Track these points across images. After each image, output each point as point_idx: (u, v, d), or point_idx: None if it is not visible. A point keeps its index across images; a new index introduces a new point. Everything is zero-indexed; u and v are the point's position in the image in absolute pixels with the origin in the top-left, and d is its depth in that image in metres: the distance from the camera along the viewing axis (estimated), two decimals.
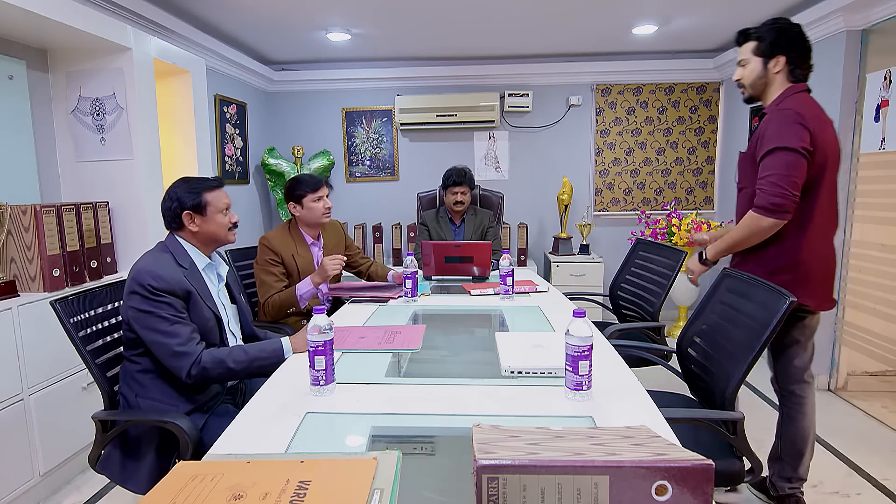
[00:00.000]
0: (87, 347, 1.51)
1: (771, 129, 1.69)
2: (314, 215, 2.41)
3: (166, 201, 1.64)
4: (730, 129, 4.30)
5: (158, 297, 1.48)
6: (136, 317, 1.49)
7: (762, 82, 1.81)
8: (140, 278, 1.48)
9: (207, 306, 1.61)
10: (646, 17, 3.39)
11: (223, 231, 1.68)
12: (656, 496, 0.67)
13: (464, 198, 3.15)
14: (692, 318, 1.80)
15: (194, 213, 1.62)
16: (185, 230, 1.64)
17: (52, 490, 2.14)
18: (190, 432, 1.36)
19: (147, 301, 1.48)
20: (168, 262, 1.57)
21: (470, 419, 1.10)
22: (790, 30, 1.76)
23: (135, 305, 1.48)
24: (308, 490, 0.80)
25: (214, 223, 1.65)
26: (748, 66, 1.82)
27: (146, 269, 1.50)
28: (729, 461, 1.44)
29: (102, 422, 1.47)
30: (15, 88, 2.28)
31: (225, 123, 3.84)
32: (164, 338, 1.47)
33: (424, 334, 1.73)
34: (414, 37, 3.76)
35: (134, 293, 1.48)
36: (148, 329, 1.48)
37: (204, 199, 1.63)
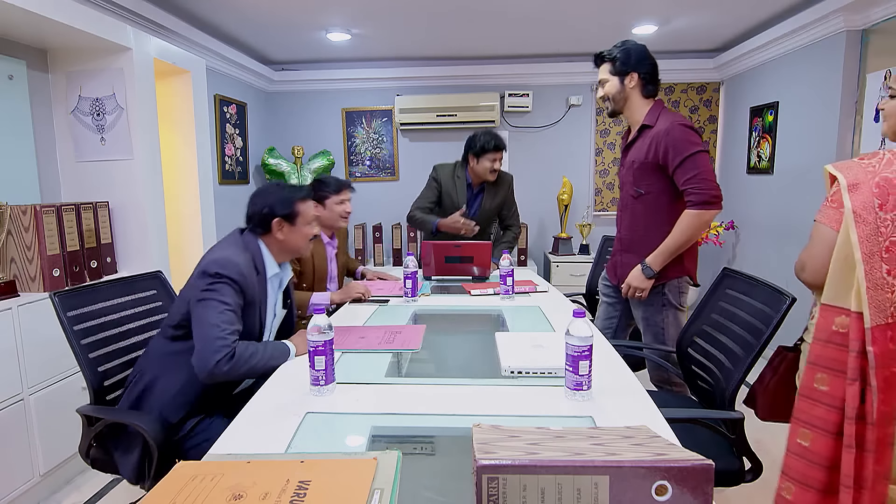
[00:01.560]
0: (81, 342, 1.51)
1: (678, 138, 1.90)
2: (333, 217, 2.41)
3: (258, 204, 1.62)
4: (730, 129, 4.30)
5: (233, 283, 1.47)
6: (199, 297, 1.45)
7: (622, 97, 2.04)
8: (225, 268, 1.46)
9: (260, 318, 1.61)
10: (646, 17, 3.39)
11: (305, 243, 1.68)
12: (656, 496, 0.67)
13: (499, 165, 2.88)
14: (692, 318, 1.80)
15: (284, 221, 1.61)
16: (271, 237, 1.63)
17: (52, 490, 2.14)
18: (154, 435, 1.34)
19: (220, 285, 1.45)
20: (249, 263, 1.55)
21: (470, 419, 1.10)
22: (637, 50, 2.02)
23: (205, 287, 1.45)
24: (308, 490, 0.80)
25: (301, 235, 1.65)
26: (608, 84, 2.05)
27: (233, 262, 1.48)
28: (729, 461, 1.44)
29: (88, 416, 1.48)
30: (15, 88, 2.28)
31: (225, 123, 3.84)
32: (217, 318, 1.42)
33: (424, 334, 1.73)
34: (414, 37, 3.76)
35: (211, 275, 1.46)
36: (205, 309, 1.43)
37: (296, 209, 1.63)
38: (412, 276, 2.22)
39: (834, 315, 1.20)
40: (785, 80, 3.51)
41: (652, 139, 1.95)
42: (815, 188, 3.16)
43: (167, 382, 1.51)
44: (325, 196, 2.39)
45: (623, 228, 2.15)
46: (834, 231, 1.24)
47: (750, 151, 3.94)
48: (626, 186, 2.11)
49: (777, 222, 3.61)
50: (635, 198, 2.05)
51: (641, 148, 2.00)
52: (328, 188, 2.39)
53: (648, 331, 2.08)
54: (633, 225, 2.08)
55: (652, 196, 2.00)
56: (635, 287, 2.02)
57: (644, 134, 2.01)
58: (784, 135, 3.52)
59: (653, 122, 1.99)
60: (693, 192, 1.88)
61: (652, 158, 1.95)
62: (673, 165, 1.90)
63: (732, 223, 4.12)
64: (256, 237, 1.64)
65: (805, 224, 2.77)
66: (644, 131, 2.01)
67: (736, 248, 4.23)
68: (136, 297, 1.76)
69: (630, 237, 2.11)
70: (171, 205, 2.92)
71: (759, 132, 3.79)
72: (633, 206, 2.07)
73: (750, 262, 3.99)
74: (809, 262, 1.30)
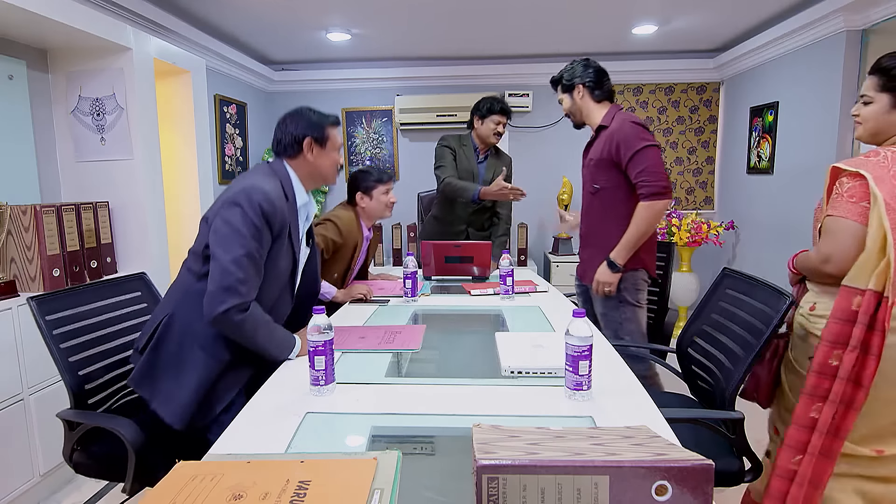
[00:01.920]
0: (60, 346, 1.47)
1: (628, 134, 2.02)
2: (380, 208, 2.41)
3: (288, 126, 1.59)
4: (730, 129, 4.30)
5: (259, 222, 1.42)
6: (223, 230, 1.40)
7: (577, 109, 2.21)
8: (254, 194, 1.42)
9: (292, 248, 1.58)
10: (646, 17, 3.39)
11: (333, 170, 1.66)
12: (656, 496, 0.67)
13: (503, 129, 2.90)
14: (692, 318, 1.80)
15: (315, 143, 1.60)
16: (300, 159, 1.60)
17: (52, 490, 2.14)
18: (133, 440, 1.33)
19: (248, 221, 1.41)
20: (278, 189, 1.51)
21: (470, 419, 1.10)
22: (579, 64, 2.20)
23: (231, 219, 1.40)
24: (308, 490, 0.80)
25: (330, 159, 1.64)
26: (563, 102, 2.25)
27: (261, 189, 1.44)
28: (729, 461, 1.44)
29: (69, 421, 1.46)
30: (15, 88, 2.28)
31: (225, 123, 3.84)
32: (233, 265, 1.38)
33: (424, 334, 1.73)
34: (414, 37, 3.76)
35: (238, 206, 1.41)
36: (226, 246, 1.39)
37: (326, 132, 1.62)
38: (412, 276, 2.22)
39: (853, 296, 1.31)
40: (785, 80, 3.51)
41: (607, 137, 2.09)
42: (816, 188, 3.16)
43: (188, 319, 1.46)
44: (371, 187, 2.38)
45: (583, 224, 2.27)
46: (859, 224, 1.34)
47: (750, 151, 3.94)
48: (585, 184, 2.23)
49: (777, 222, 3.61)
50: (593, 194, 2.17)
51: (598, 146, 2.13)
52: (373, 178, 2.39)
53: (608, 327, 2.17)
54: (592, 219, 2.20)
55: (608, 191, 2.12)
56: (603, 282, 2.10)
57: (601, 134, 2.14)
58: (784, 135, 3.52)
59: (608, 122, 2.12)
60: (643, 185, 1.99)
61: (606, 155, 2.07)
62: (625, 160, 2.02)
63: (732, 223, 4.12)
64: (284, 164, 1.61)
65: (805, 224, 2.77)
66: (601, 131, 2.14)
67: (736, 248, 4.23)
68: (119, 299, 1.71)
69: (589, 232, 2.24)
70: (171, 205, 2.92)
71: (759, 132, 3.80)
72: (591, 202, 2.19)
73: (750, 262, 3.99)
74: (837, 255, 1.37)
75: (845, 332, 1.31)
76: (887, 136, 1.45)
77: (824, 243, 1.40)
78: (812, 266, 1.47)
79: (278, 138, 1.61)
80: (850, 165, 1.38)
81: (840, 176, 1.42)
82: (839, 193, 1.39)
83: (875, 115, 1.45)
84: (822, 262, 1.40)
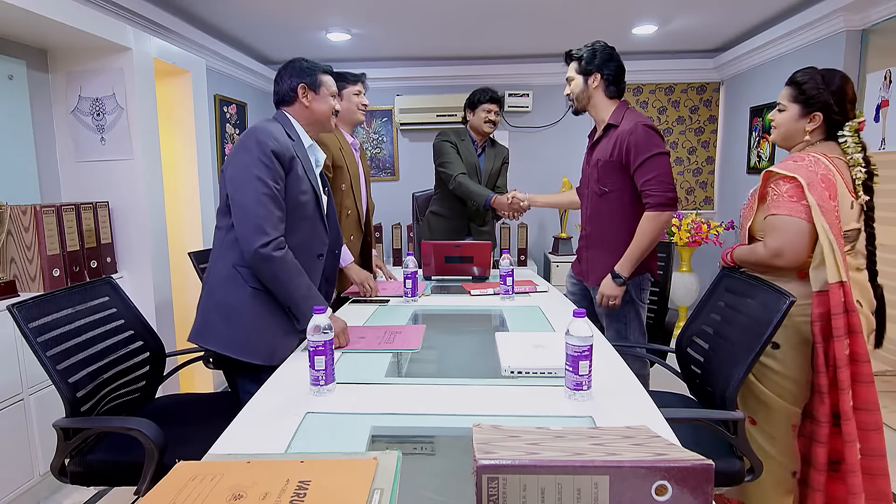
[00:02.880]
0: (46, 353, 1.41)
1: (640, 138, 1.95)
2: (351, 109, 2.37)
3: (283, 77, 1.69)
4: (730, 129, 4.30)
5: (269, 160, 1.51)
6: (237, 175, 1.50)
7: (585, 96, 2.10)
8: (258, 135, 1.52)
9: (308, 179, 1.65)
10: (646, 17, 3.39)
11: (328, 114, 1.74)
12: (656, 496, 0.67)
13: (496, 118, 2.89)
14: (691, 318, 1.80)
15: (308, 88, 1.68)
16: (296, 105, 1.69)
17: (52, 490, 2.14)
18: (155, 439, 1.32)
19: (257, 161, 1.50)
20: (280, 130, 1.62)
21: (470, 419, 1.10)
22: (604, 51, 2.05)
23: (241, 163, 1.51)
24: (308, 490, 0.80)
25: (325, 104, 1.72)
26: (573, 82, 2.11)
27: (263, 129, 1.54)
28: (729, 461, 1.44)
29: (65, 430, 1.40)
30: (15, 88, 2.28)
31: (225, 123, 3.84)
32: (255, 204, 1.48)
33: (424, 334, 1.73)
34: (414, 37, 3.76)
35: (245, 149, 1.51)
36: (243, 189, 1.49)
37: (319, 78, 1.70)
38: (412, 276, 2.22)
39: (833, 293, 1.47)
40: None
41: (616, 138, 2.02)
42: None
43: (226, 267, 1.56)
44: (341, 87, 2.32)
45: (587, 225, 2.22)
46: (803, 220, 1.51)
47: (750, 151, 3.94)
48: (590, 183, 2.17)
49: None
50: (599, 195, 2.12)
51: (606, 147, 2.06)
52: (345, 80, 2.38)
53: (612, 326, 2.15)
54: (598, 222, 2.15)
55: (615, 194, 2.07)
56: (608, 296, 2.06)
57: (609, 133, 2.07)
58: None
59: (618, 121, 2.04)
60: (651, 194, 1.95)
61: (616, 157, 2.02)
62: (634, 165, 1.97)
63: (732, 223, 4.12)
64: (283, 112, 1.71)
65: None
66: (609, 130, 2.07)
67: None
68: (91, 304, 1.64)
69: (594, 233, 2.18)
70: (171, 205, 2.92)
71: (759, 132, 3.80)
72: (598, 203, 2.14)
73: None
74: (787, 248, 1.54)
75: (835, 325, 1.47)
76: (796, 141, 1.67)
77: (773, 239, 1.56)
78: (760, 259, 1.60)
79: (276, 90, 1.71)
80: (785, 170, 1.55)
81: (774, 179, 1.59)
82: (779, 194, 1.56)
83: (787, 121, 1.65)
84: (774, 257, 1.56)
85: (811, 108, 1.61)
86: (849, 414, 1.46)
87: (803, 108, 1.62)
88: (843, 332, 1.46)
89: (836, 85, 1.59)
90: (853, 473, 1.46)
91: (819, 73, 1.62)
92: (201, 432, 1.27)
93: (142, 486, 1.35)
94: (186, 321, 3.03)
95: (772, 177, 1.60)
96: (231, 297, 1.56)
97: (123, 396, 1.64)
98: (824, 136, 1.64)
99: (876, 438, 1.50)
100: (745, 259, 1.69)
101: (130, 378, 1.66)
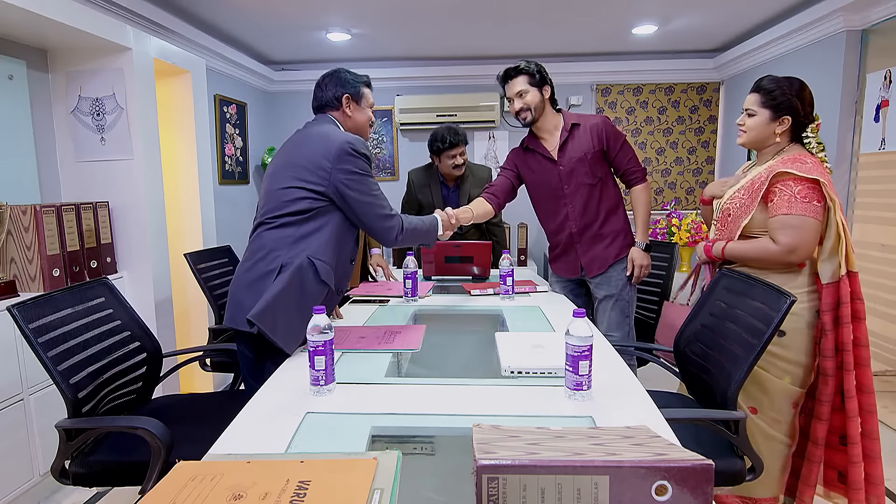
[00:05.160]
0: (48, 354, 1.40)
1: (611, 127, 2.24)
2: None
3: (327, 86, 1.75)
4: (730, 129, 4.30)
5: (369, 163, 1.64)
6: (352, 179, 1.59)
7: (541, 106, 2.22)
8: (357, 145, 1.61)
9: None
10: (646, 17, 3.39)
11: (367, 124, 1.82)
12: (656, 496, 0.67)
13: (462, 158, 2.91)
14: (689, 318, 1.80)
15: (352, 99, 1.75)
16: (340, 114, 1.75)
17: (52, 490, 2.14)
18: (162, 437, 1.32)
19: (363, 164, 1.61)
20: None
21: (470, 419, 1.10)
22: (539, 64, 2.21)
23: (352, 168, 1.59)
24: (308, 490, 0.80)
25: (365, 115, 1.80)
26: (528, 94, 2.19)
27: (355, 139, 1.63)
28: (730, 460, 1.44)
29: (67, 430, 1.39)
30: (15, 88, 2.28)
31: (225, 123, 3.84)
32: (377, 200, 1.64)
33: (424, 334, 1.73)
34: (414, 37, 3.76)
35: (353, 157, 1.59)
36: (363, 192, 1.61)
37: (361, 90, 1.77)
38: (412, 276, 2.22)
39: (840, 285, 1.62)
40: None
41: (591, 131, 2.21)
42: None
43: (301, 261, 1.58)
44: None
45: (578, 219, 2.28)
46: (817, 221, 1.61)
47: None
48: (576, 179, 2.24)
49: None
50: (593, 185, 2.24)
51: (584, 142, 2.21)
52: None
53: (616, 306, 2.28)
54: (593, 211, 2.26)
55: (603, 180, 2.26)
56: (645, 265, 2.27)
57: (575, 131, 2.23)
58: None
59: (578, 120, 2.24)
60: (636, 170, 2.25)
61: (598, 146, 2.21)
62: (615, 150, 2.23)
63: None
64: (329, 116, 1.75)
65: None
66: (574, 129, 2.23)
67: None
68: (88, 305, 1.63)
69: (589, 224, 2.28)
70: (171, 205, 2.92)
71: None
72: (590, 193, 2.25)
73: None
74: (803, 246, 1.62)
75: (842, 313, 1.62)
76: (766, 143, 1.77)
77: (788, 237, 1.63)
78: (771, 256, 1.67)
79: (318, 97, 1.76)
80: (802, 172, 1.62)
81: (784, 179, 1.65)
82: (790, 195, 1.63)
83: (758, 125, 1.76)
84: (788, 253, 1.64)
85: (780, 112, 1.71)
86: (852, 392, 1.63)
87: (773, 112, 1.72)
88: (850, 319, 1.62)
89: (799, 90, 1.70)
90: (854, 445, 1.64)
91: (783, 80, 1.73)
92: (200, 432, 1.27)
93: (147, 485, 1.35)
94: (186, 321, 3.04)
95: (781, 178, 1.66)
96: (301, 289, 1.57)
97: (122, 397, 1.64)
98: (790, 137, 1.75)
99: (871, 421, 1.66)
100: (746, 254, 1.75)
101: (129, 379, 1.66)
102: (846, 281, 1.61)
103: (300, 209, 1.59)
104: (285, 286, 1.54)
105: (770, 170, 1.69)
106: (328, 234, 1.61)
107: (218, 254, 2.56)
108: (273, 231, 1.61)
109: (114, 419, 1.50)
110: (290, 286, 1.55)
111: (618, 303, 2.27)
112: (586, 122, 2.23)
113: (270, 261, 1.59)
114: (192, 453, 0.98)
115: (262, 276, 1.58)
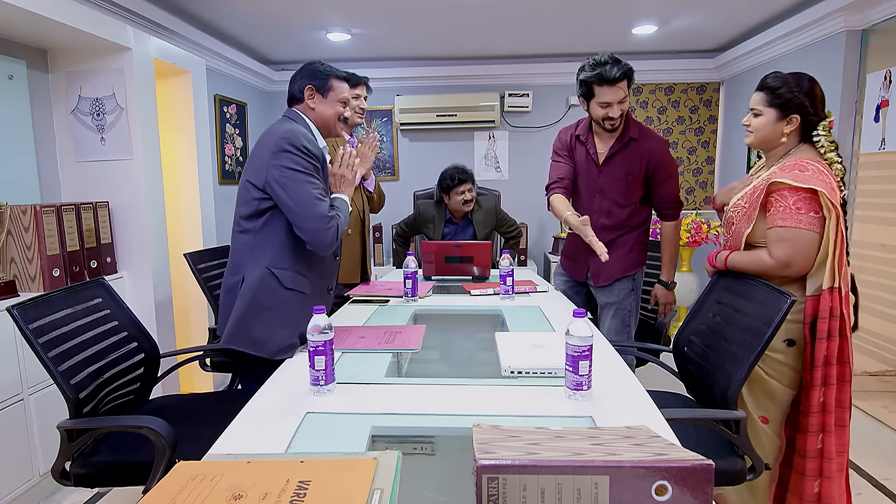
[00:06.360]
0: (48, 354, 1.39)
1: (667, 157, 2.16)
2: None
3: (296, 78, 1.70)
4: (730, 129, 4.30)
5: (311, 159, 1.55)
6: (285, 176, 1.51)
7: None
8: (293, 139, 1.52)
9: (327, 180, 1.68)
10: (646, 17, 3.39)
11: (333, 119, 1.73)
12: (656, 496, 0.67)
13: (471, 195, 2.99)
14: (688, 318, 1.80)
15: (316, 91, 1.68)
16: (304, 107, 1.69)
17: (52, 490, 2.14)
18: (167, 436, 1.32)
19: (301, 161, 1.52)
20: (306, 130, 1.63)
21: (470, 419, 1.10)
22: None
23: (287, 165, 1.51)
24: (308, 490, 0.80)
25: (330, 108, 1.71)
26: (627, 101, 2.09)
27: (296, 132, 1.55)
28: (730, 460, 1.43)
29: (69, 431, 1.38)
30: (15, 88, 2.28)
31: (225, 123, 3.84)
32: (314, 200, 1.52)
33: (424, 334, 1.73)
34: (414, 37, 3.76)
35: (285, 152, 1.51)
36: (298, 189, 1.51)
37: (330, 82, 1.69)
38: (412, 276, 2.22)
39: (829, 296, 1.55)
40: None
41: (643, 154, 2.12)
42: None
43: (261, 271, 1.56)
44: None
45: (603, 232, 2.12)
46: (814, 233, 1.54)
47: (750, 151, 3.94)
48: (609, 192, 2.19)
49: None
50: (625, 206, 2.20)
51: (632, 161, 2.14)
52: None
53: (617, 315, 2.26)
54: (614, 229, 2.21)
55: (637, 205, 2.22)
56: (669, 303, 2.31)
57: (630, 146, 2.14)
58: None
59: (636, 134, 2.14)
60: (673, 207, 2.20)
61: (639, 172, 2.14)
62: (660, 180, 2.15)
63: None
64: (294, 111, 1.70)
65: None
66: (629, 144, 2.14)
67: None
68: (86, 306, 1.62)
69: (610, 240, 2.16)
70: (171, 205, 2.92)
71: None
72: (618, 212, 2.20)
73: None
74: (798, 261, 1.55)
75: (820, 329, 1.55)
76: (774, 144, 1.68)
77: (781, 250, 1.56)
78: (766, 269, 1.60)
79: (289, 89, 1.72)
80: (798, 182, 1.54)
81: (779, 189, 1.58)
82: (786, 206, 1.56)
83: (765, 125, 1.67)
84: (783, 267, 1.57)
85: (788, 111, 1.63)
86: (831, 407, 1.58)
87: (780, 111, 1.64)
88: (826, 335, 1.55)
89: (808, 87, 1.62)
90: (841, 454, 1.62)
91: (789, 76, 1.65)
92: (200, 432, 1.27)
93: (151, 484, 1.35)
94: (186, 321, 3.04)
95: (776, 187, 1.58)
96: (267, 300, 1.56)
97: (120, 398, 1.64)
98: (800, 137, 1.67)
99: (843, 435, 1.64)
100: (745, 267, 1.67)
101: (127, 379, 1.66)
102: (827, 296, 1.53)
103: (252, 211, 1.58)
104: (249, 302, 1.55)
105: (768, 178, 1.62)
106: (284, 240, 1.58)
107: (218, 254, 2.56)
108: (237, 236, 1.63)
109: (117, 419, 1.50)
110: (255, 300, 1.55)
111: (619, 311, 2.25)
112: (644, 141, 2.12)
113: (234, 271, 1.61)
114: (192, 453, 0.98)
115: (231, 288, 1.60)
